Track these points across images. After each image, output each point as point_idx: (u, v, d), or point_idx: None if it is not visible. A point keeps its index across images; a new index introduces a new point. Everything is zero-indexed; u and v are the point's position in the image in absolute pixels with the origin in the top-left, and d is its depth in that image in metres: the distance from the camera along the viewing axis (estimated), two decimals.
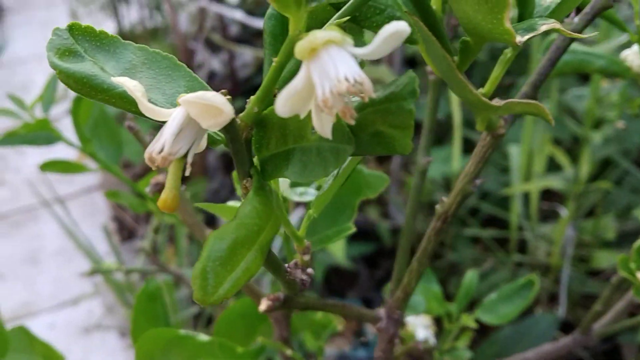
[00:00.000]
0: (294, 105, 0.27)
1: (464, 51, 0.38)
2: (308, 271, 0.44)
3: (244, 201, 0.31)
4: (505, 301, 0.79)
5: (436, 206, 0.52)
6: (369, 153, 0.30)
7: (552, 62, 0.49)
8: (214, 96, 0.28)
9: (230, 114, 0.28)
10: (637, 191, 1.43)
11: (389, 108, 0.28)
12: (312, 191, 0.54)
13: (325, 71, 0.26)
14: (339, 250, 1.48)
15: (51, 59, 0.33)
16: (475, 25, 0.33)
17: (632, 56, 0.62)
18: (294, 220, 1.09)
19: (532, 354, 0.78)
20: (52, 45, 0.33)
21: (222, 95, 0.29)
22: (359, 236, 1.79)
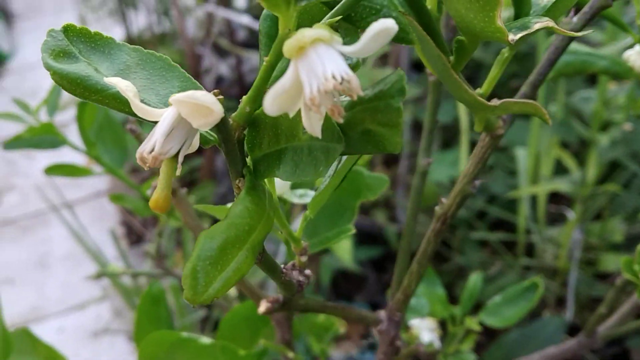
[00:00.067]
0: (282, 103, 0.27)
1: (459, 50, 0.38)
2: (305, 272, 0.44)
3: (235, 201, 0.31)
4: (510, 304, 0.79)
5: (435, 207, 0.52)
6: (360, 152, 0.30)
7: (551, 62, 0.49)
8: (203, 95, 0.28)
9: (220, 113, 0.28)
10: None
11: (377, 106, 0.28)
12: (312, 193, 0.54)
13: (313, 69, 0.26)
14: (346, 254, 1.48)
15: (45, 60, 0.33)
16: (468, 23, 0.33)
17: (634, 56, 0.62)
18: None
19: (537, 356, 0.77)
20: (46, 46, 0.33)
21: (213, 95, 0.29)
22: (367, 240, 1.79)
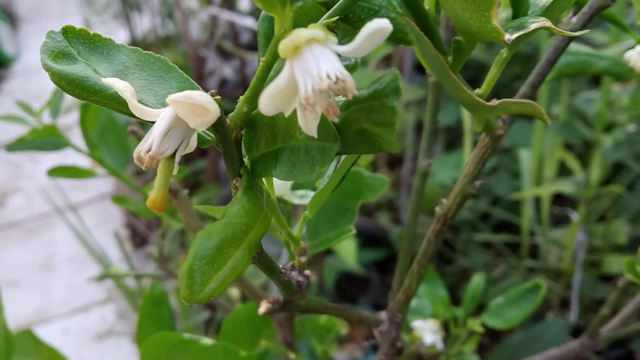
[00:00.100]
0: (278, 103, 0.27)
1: (456, 51, 0.38)
2: (305, 273, 0.44)
3: (232, 200, 0.31)
4: (512, 305, 0.79)
5: (436, 208, 0.52)
6: (356, 151, 0.30)
7: (551, 62, 0.49)
8: (200, 95, 0.28)
9: (216, 113, 0.28)
10: None
11: (372, 106, 0.28)
12: (312, 194, 0.54)
13: (308, 69, 0.26)
14: (350, 256, 1.47)
15: (44, 61, 0.33)
16: (464, 24, 0.33)
17: (635, 57, 0.62)
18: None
19: (539, 358, 0.77)
20: (45, 47, 0.34)
21: (210, 95, 0.29)
22: (371, 242, 1.79)
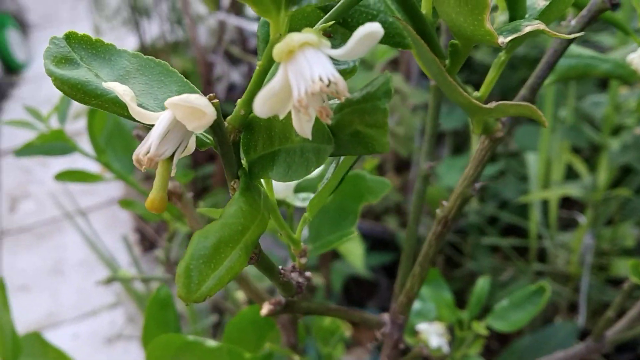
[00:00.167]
0: (272, 106, 0.27)
1: (453, 54, 0.38)
2: (305, 274, 0.44)
3: (230, 201, 0.31)
4: (517, 308, 0.79)
5: (437, 210, 0.52)
6: (350, 153, 0.31)
7: (550, 65, 0.49)
8: (197, 98, 0.28)
9: (212, 115, 0.29)
10: None
11: (364, 108, 0.28)
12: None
13: (301, 72, 0.26)
14: (357, 260, 1.48)
15: (47, 66, 0.34)
16: (459, 27, 0.34)
17: (637, 59, 0.62)
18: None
19: None
20: (49, 53, 0.34)
21: (208, 99, 0.30)
22: (378, 246, 1.79)
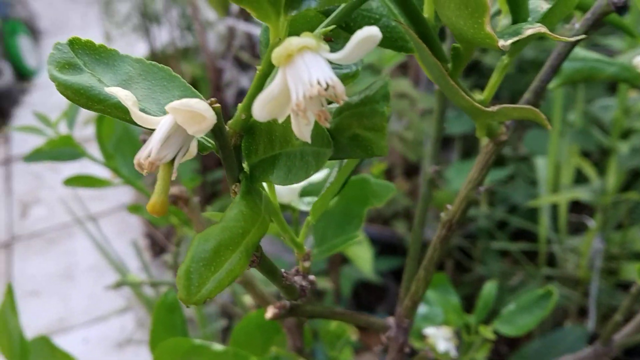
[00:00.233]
0: (271, 110, 0.27)
1: (455, 58, 0.38)
2: (309, 278, 0.44)
3: (230, 205, 0.32)
4: (524, 312, 0.78)
5: (441, 214, 0.52)
6: (350, 156, 0.31)
7: (554, 68, 0.49)
8: (197, 103, 0.29)
9: (212, 120, 0.29)
10: None
11: (363, 111, 0.28)
12: None
13: (299, 76, 0.26)
14: (366, 265, 1.47)
15: (51, 71, 0.34)
16: (460, 31, 0.34)
17: None
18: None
19: None
20: (52, 58, 0.35)
21: (209, 103, 0.30)
22: (388, 250, 1.79)
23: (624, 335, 0.75)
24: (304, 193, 0.58)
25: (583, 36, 0.40)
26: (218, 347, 0.65)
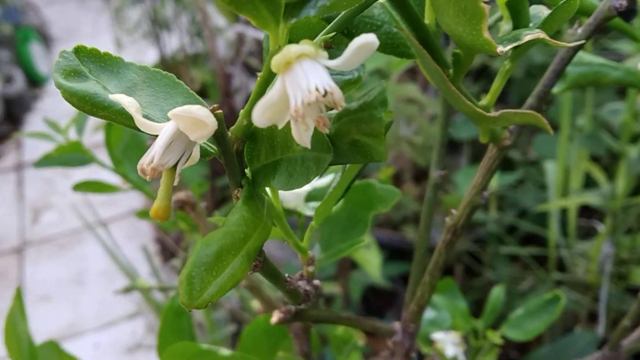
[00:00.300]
0: (271, 116, 0.28)
1: (456, 63, 0.39)
2: (314, 282, 0.45)
3: (232, 210, 0.32)
4: (532, 317, 0.78)
5: (446, 219, 0.52)
6: (350, 161, 0.31)
7: (557, 73, 0.49)
8: (198, 109, 0.29)
9: (213, 126, 0.29)
10: None
11: (361, 117, 0.29)
12: None
13: (298, 83, 0.27)
14: (375, 270, 1.47)
15: (57, 79, 0.35)
16: (459, 37, 0.34)
17: None
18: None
19: None
20: (58, 66, 0.35)
21: (212, 110, 0.31)
22: (397, 255, 1.79)
23: (632, 341, 0.75)
24: (309, 198, 0.58)
25: (583, 41, 0.40)
26: (225, 351, 0.65)
